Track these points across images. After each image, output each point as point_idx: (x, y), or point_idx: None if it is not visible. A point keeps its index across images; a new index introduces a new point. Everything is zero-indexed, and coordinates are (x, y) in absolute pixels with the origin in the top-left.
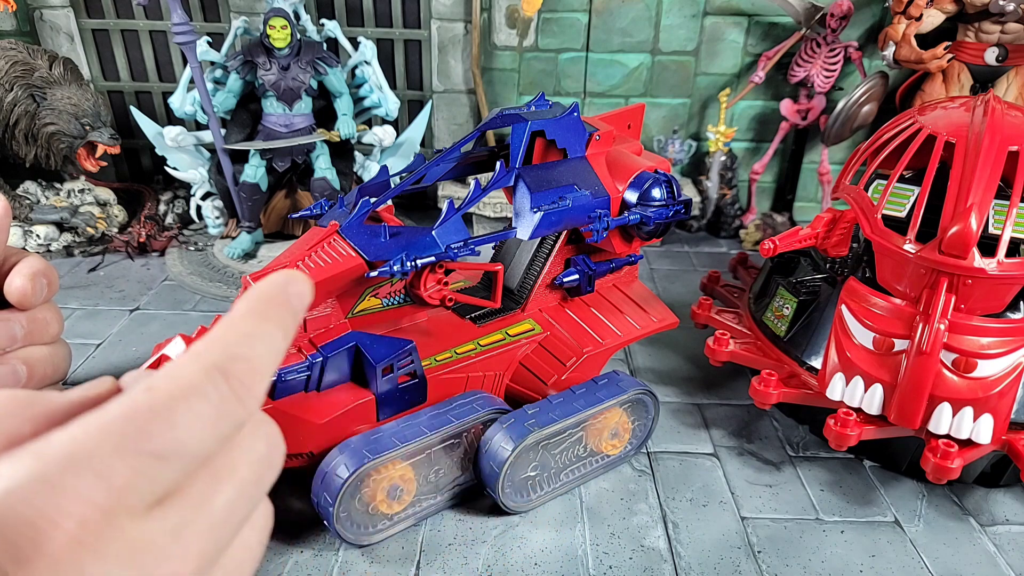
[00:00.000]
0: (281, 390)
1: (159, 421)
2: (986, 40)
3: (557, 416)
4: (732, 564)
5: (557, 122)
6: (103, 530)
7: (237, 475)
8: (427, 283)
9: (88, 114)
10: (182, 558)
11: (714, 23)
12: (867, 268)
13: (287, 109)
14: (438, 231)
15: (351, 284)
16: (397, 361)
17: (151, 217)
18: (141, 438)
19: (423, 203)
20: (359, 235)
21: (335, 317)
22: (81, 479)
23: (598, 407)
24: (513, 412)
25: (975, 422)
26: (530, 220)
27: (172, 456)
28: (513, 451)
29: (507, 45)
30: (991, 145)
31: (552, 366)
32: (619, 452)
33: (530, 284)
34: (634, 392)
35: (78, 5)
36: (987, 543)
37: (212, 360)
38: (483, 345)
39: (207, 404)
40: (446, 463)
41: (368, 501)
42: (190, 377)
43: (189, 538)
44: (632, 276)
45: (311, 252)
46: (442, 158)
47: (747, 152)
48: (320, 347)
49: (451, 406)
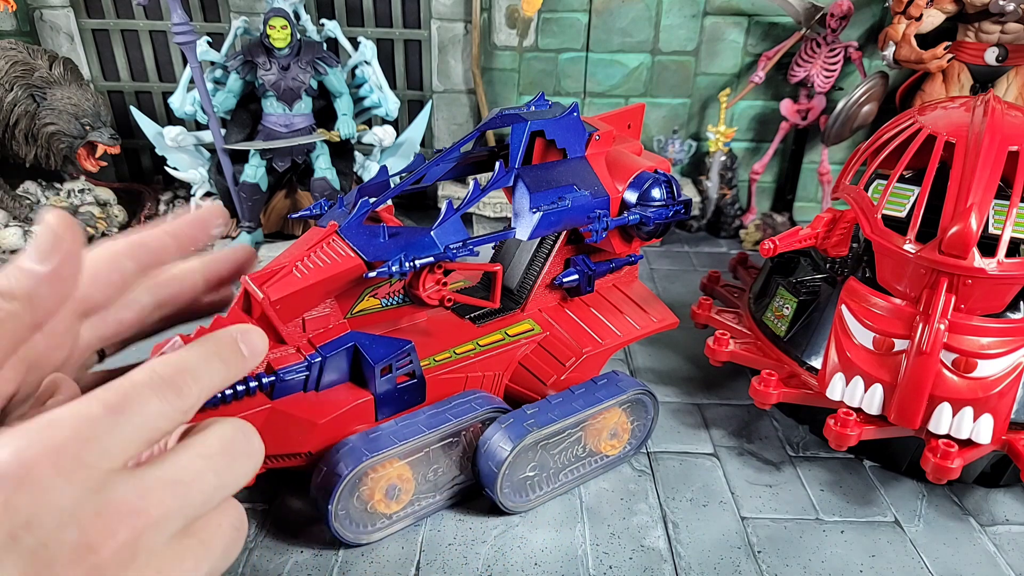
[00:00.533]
0: (280, 390)
1: (121, 404)
2: (986, 40)
3: (556, 416)
4: (732, 564)
5: (556, 122)
6: (80, 471)
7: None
8: (426, 283)
9: (88, 114)
10: (145, 500)
11: (714, 23)
12: (867, 268)
13: (287, 109)
14: (437, 232)
15: (350, 284)
16: (396, 361)
17: (151, 217)
18: (111, 409)
19: (423, 203)
20: (358, 235)
21: (334, 317)
22: (55, 435)
23: (597, 407)
24: (512, 412)
25: (975, 422)
26: (529, 220)
27: (127, 423)
28: (512, 451)
29: (507, 45)
30: (991, 145)
31: (551, 366)
32: (618, 452)
33: (530, 284)
34: (633, 392)
35: (78, 5)
36: (987, 543)
37: (153, 366)
38: (482, 345)
39: (151, 394)
40: (444, 462)
41: (366, 500)
42: (138, 377)
43: (154, 491)
44: (632, 276)
45: (310, 252)
46: (441, 158)
47: (747, 152)
48: (319, 347)
49: (449, 405)
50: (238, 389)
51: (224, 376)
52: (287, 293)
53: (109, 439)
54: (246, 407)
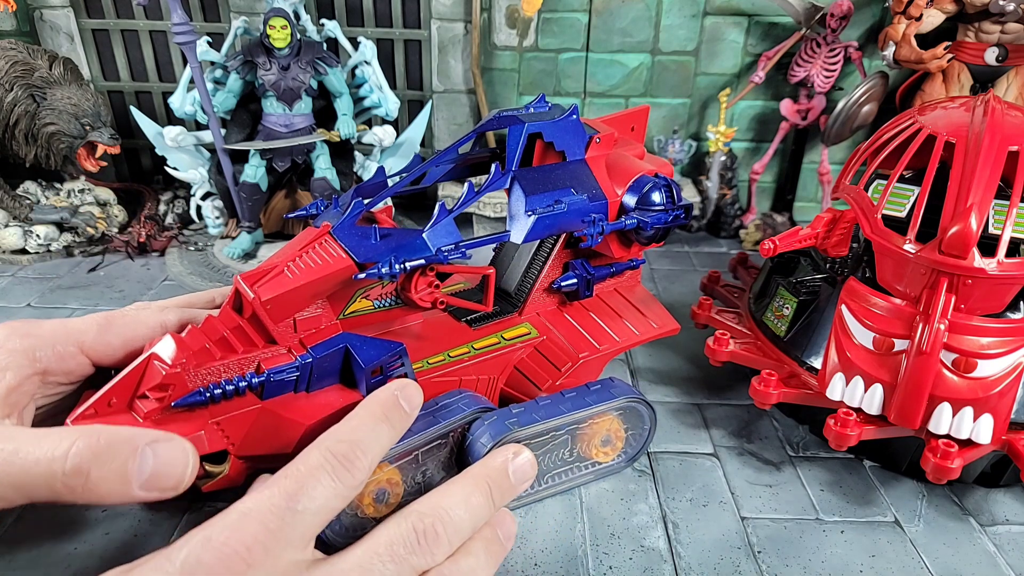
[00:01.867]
0: (270, 390)
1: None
2: (986, 40)
3: (540, 417)
4: (732, 564)
5: (555, 124)
6: (270, 562)
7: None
8: (418, 286)
9: (88, 114)
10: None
11: (714, 23)
12: (867, 268)
13: (287, 109)
14: (428, 233)
15: (341, 285)
16: (386, 363)
17: (151, 217)
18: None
19: (423, 203)
20: (350, 236)
21: (326, 318)
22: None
23: (584, 411)
24: (497, 410)
25: (975, 422)
26: (524, 223)
27: (305, 510)
28: (491, 448)
29: (507, 45)
30: (991, 145)
31: (547, 371)
32: (611, 460)
33: (527, 287)
34: (625, 400)
35: (78, 5)
36: (987, 543)
37: (327, 446)
38: (477, 348)
39: (326, 476)
40: (432, 464)
41: (355, 506)
42: (313, 459)
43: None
44: (634, 280)
45: (302, 253)
46: (439, 159)
47: (747, 152)
48: (310, 348)
49: (437, 406)
50: (227, 389)
51: (391, 438)
52: (278, 293)
53: (292, 529)
54: (236, 407)
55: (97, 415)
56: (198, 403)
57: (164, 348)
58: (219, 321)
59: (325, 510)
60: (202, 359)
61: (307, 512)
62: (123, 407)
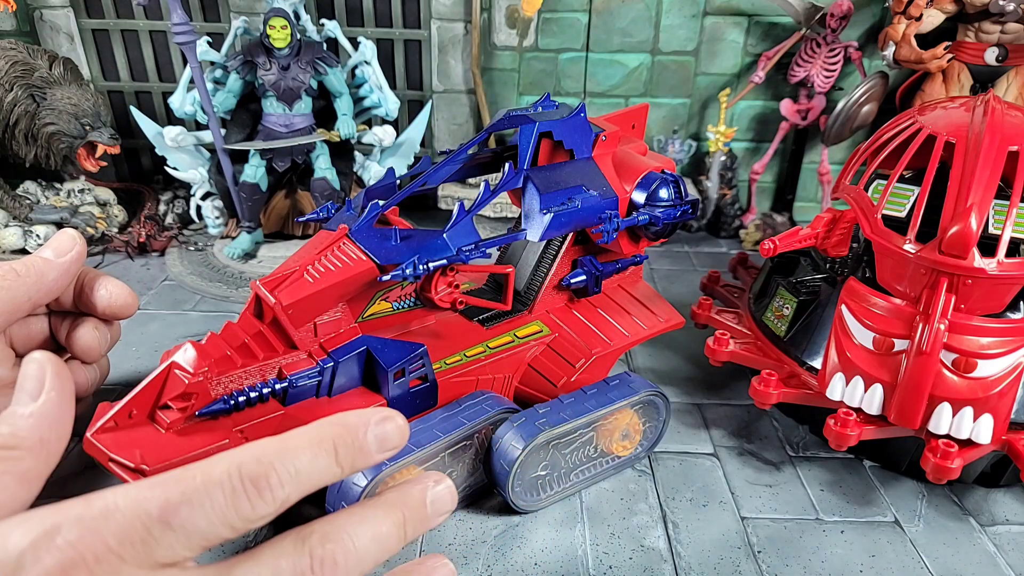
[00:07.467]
0: (292, 396)
1: (183, 503)
2: (986, 40)
3: (568, 416)
4: (732, 564)
5: (564, 123)
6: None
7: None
8: (438, 286)
9: (88, 114)
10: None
11: (714, 23)
12: (867, 268)
13: (287, 109)
14: (449, 234)
15: (362, 288)
16: (409, 365)
17: (151, 217)
18: (167, 511)
19: (423, 203)
20: (369, 238)
21: (345, 322)
22: (108, 530)
23: (609, 407)
24: (524, 411)
25: (975, 422)
26: (540, 222)
27: (180, 530)
28: (524, 450)
29: (507, 45)
30: (991, 145)
31: (561, 368)
32: (630, 453)
33: (537, 285)
34: (646, 393)
35: (78, 5)
36: (987, 543)
37: (239, 461)
38: (492, 347)
39: (221, 495)
40: (457, 466)
41: None
42: (216, 472)
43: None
44: (637, 276)
45: (320, 256)
46: (450, 160)
47: (747, 152)
48: (331, 352)
49: (460, 407)
50: (251, 396)
51: (330, 476)
52: (300, 297)
53: (156, 546)
54: (259, 414)
55: (118, 427)
56: (222, 411)
57: (184, 356)
58: (239, 327)
59: (204, 537)
60: (224, 366)
61: (181, 532)
62: (144, 418)
